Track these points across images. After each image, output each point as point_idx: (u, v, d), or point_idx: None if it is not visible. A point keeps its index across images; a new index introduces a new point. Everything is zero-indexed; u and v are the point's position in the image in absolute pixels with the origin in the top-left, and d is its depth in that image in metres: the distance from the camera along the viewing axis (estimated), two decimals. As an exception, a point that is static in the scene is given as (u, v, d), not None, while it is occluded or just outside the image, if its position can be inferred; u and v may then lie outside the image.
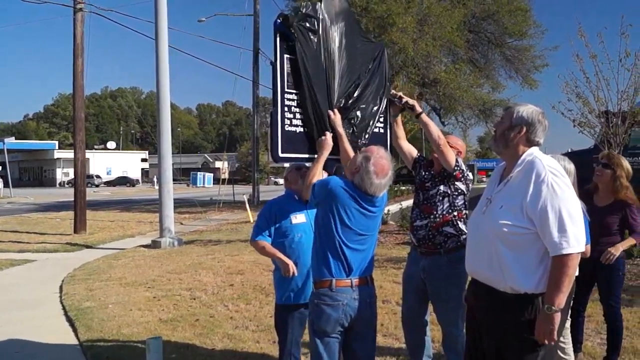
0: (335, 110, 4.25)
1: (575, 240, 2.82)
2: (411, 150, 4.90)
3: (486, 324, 3.14)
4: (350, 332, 3.59)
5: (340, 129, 4.20)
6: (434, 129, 4.44)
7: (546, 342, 2.90)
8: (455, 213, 4.49)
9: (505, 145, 3.16)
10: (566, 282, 2.84)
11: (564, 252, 2.81)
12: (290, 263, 4.10)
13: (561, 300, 2.85)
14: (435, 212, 4.49)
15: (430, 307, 4.74)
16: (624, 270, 5.22)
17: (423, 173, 4.73)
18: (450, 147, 4.53)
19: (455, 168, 4.45)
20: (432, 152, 4.70)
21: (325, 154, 4.04)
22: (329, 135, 4.10)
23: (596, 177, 5.18)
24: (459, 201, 4.52)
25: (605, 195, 5.13)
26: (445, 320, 4.56)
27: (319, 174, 3.93)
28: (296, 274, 4.09)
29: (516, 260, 2.96)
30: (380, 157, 3.53)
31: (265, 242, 4.21)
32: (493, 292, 3.04)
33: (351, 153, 4.05)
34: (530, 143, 3.12)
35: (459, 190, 4.53)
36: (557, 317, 2.86)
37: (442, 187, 4.53)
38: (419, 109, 4.54)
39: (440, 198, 4.51)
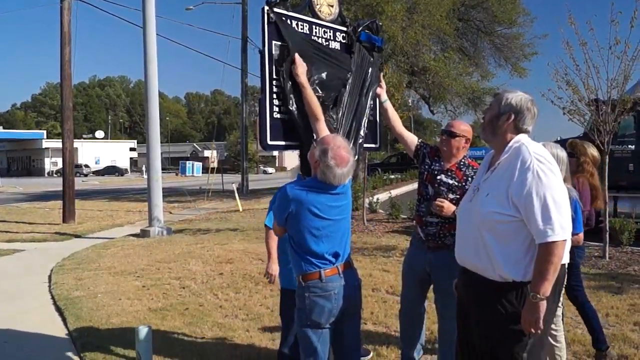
0: (299, 59, 4.07)
1: (560, 228, 2.80)
2: (412, 138, 4.81)
3: (475, 312, 3.13)
4: (340, 317, 3.56)
5: (304, 77, 4.01)
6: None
7: (532, 330, 2.89)
8: None
9: (493, 133, 3.14)
10: (551, 270, 2.82)
11: (549, 239, 2.79)
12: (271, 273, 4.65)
13: (547, 288, 2.83)
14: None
15: (428, 298, 4.74)
16: (580, 258, 5.28)
17: (431, 164, 4.56)
18: (457, 136, 4.40)
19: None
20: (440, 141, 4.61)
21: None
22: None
23: None
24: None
25: (569, 182, 5.16)
26: (447, 313, 4.35)
27: (314, 106, 3.95)
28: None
29: (503, 249, 2.95)
30: (337, 147, 3.43)
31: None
32: (482, 280, 3.03)
33: (314, 106, 3.95)
34: (519, 130, 3.08)
35: (466, 181, 4.35)
36: (543, 305, 2.84)
37: (443, 178, 4.43)
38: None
39: (451, 196, 4.35)
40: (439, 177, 4.45)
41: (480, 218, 3.01)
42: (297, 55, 4.03)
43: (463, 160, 4.49)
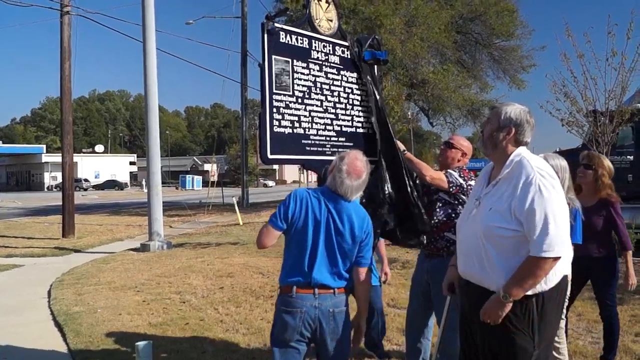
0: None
1: (557, 245, 2.81)
2: (440, 174, 4.79)
3: (479, 325, 3.12)
4: (317, 344, 3.45)
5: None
6: (418, 165, 4.48)
7: (489, 321, 2.95)
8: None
9: (494, 147, 3.16)
10: (530, 282, 2.86)
11: (542, 255, 2.80)
12: None
13: (519, 294, 2.87)
14: (435, 218, 4.49)
15: None
16: (617, 267, 5.25)
17: None
18: (454, 148, 4.59)
19: (451, 188, 4.43)
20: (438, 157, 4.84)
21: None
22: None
23: (579, 179, 5.19)
24: (461, 210, 4.51)
25: (589, 195, 5.15)
26: (446, 323, 4.50)
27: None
28: None
29: (505, 263, 2.95)
30: (355, 158, 3.45)
31: None
32: (486, 293, 3.02)
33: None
34: (519, 143, 3.11)
35: (460, 200, 4.48)
36: (509, 306, 2.90)
37: (442, 195, 4.52)
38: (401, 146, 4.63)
39: (441, 204, 4.52)
40: (431, 188, 4.60)
41: (483, 231, 3.01)
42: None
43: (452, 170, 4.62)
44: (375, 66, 4.87)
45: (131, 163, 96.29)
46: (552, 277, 2.95)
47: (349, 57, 4.70)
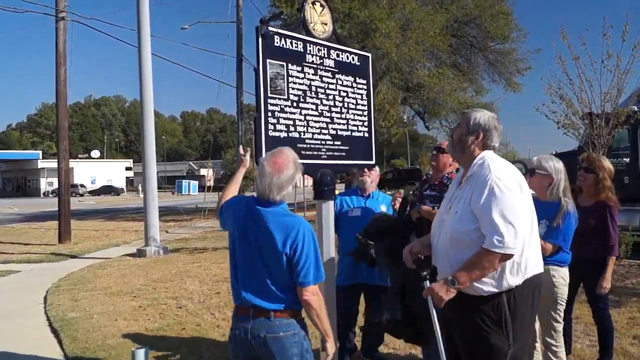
0: None
1: (507, 242, 2.89)
2: None
3: (456, 325, 3.23)
4: None
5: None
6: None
7: (432, 300, 3.08)
8: None
9: (462, 151, 3.27)
10: (478, 273, 2.96)
11: (492, 249, 2.90)
12: None
13: (465, 281, 2.97)
14: None
15: None
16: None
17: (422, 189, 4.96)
18: (445, 153, 4.72)
19: None
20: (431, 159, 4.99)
21: (242, 171, 3.89)
22: (247, 154, 3.87)
23: (579, 181, 5.18)
24: None
25: (588, 196, 5.15)
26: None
27: (230, 191, 3.66)
28: None
29: None
30: (278, 153, 3.14)
31: None
32: (460, 294, 3.08)
33: None
34: (486, 147, 3.23)
35: None
36: (453, 293, 3.01)
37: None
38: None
39: None
40: (425, 192, 4.82)
41: (450, 236, 3.13)
42: None
43: (447, 175, 4.80)
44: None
45: (127, 168, 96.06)
46: (517, 272, 3.04)
47: (344, 60, 4.70)
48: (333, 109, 4.57)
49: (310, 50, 4.43)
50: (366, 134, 4.81)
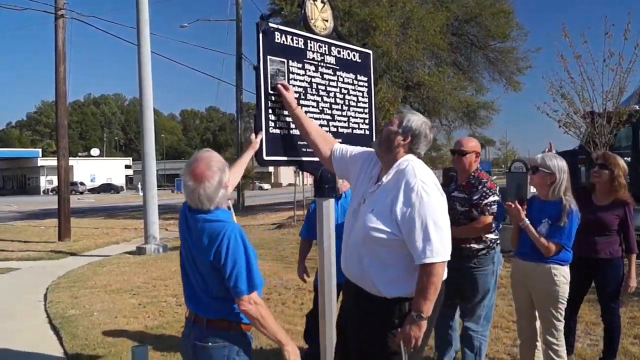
0: (287, 86, 3.99)
1: (439, 249, 2.85)
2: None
3: (353, 323, 3.20)
4: None
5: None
6: (466, 232, 4.65)
7: (407, 346, 2.94)
8: None
9: (388, 149, 3.18)
10: (432, 290, 2.87)
11: (427, 260, 2.84)
12: None
13: (428, 307, 2.88)
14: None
15: None
16: (623, 270, 5.20)
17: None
18: (467, 153, 4.71)
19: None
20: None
21: (250, 153, 3.81)
22: (257, 138, 3.82)
23: (594, 179, 5.12)
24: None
25: (603, 194, 5.08)
26: (467, 316, 4.77)
27: (236, 175, 3.57)
28: None
29: (380, 270, 3.01)
30: (195, 161, 2.90)
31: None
32: (362, 292, 3.07)
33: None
34: (411, 152, 3.17)
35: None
36: (424, 325, 2.90)
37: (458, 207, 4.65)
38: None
39: (463, 215, 4.65)
40: (452, 194, 4.68)
41: (363, 232, 3.04)
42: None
43: (473, 173, 4.74)
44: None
45: (127, 166, 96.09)
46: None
47: (345, 57, 4.68)
48: (334, 106, 4.55)
49: (311, 47, 4.41)
50: (367, 132, 4.78)
